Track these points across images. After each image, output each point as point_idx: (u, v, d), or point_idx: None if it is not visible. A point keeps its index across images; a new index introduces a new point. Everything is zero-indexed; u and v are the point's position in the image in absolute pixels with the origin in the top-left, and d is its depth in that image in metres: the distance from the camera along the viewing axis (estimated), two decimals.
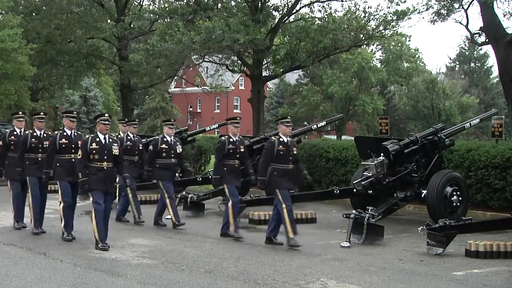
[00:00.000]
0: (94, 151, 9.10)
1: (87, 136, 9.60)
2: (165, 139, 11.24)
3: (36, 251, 8.87)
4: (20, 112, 11.72)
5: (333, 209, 13.53)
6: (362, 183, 11.49)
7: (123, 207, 11.81)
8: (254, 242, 9.75)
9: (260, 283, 7.14)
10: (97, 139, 9.18)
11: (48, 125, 54.27)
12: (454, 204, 11.36)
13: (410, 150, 11.93)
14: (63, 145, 9.76)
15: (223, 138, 10.68)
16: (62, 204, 9.71)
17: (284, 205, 9.28)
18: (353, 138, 16.57)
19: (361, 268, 8.00)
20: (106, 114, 9.51)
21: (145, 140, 17.35)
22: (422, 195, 11.46)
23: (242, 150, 10.52)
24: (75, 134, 9.95)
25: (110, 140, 9.28)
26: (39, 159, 10.21)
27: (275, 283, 7.15)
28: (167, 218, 12.10)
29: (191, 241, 9.79)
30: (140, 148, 11.95)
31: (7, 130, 11.66)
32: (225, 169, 10.25)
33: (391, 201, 11.23)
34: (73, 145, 9.73)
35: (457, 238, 9.02)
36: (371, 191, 11.48)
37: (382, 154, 11.65)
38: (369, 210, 9.91)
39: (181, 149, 11.51)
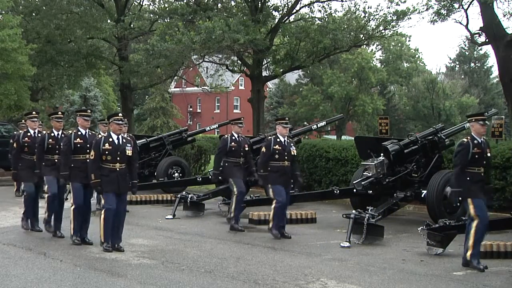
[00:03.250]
0: (106, 152, 8.76)
1: (99, 135, 9.33)
2: (278, 140, 10.18)
3: (36, 251, 8.87)
4: (34, 112, 11.20)
5: (333, 209, 13.53)
6: (362, 183, 11.48)
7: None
8: (254, 242, 9.74)
9: (260, 283, 7.14)
10: (110, 139, 8.82)
11: (48, 125, 54.36)
12: (454, 204, 11.34)
13: (410, 150, 11.93)
14: (78, 145, 9.37)
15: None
16: (73, 207, 9.34)
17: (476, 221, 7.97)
18: (353, 138, 16.57)
19: (361, 268, 7.99)
20: (120, 114, 9.09)
21: (144, 140, 17.47)
22: (422, 195, 11.45)
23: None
24: (90, 133, 9.55)
25: (124, 140, 8.94)
26: (56, 160, 9.82)
27: (275, 283, 7.15)
28: (167, 218, 12.12)
29: (191, 241, 9.78)
30: (246, 149, 11.19)
31: (20, 131, 11.45)
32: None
33: (391, 201, 11.23)
34: (88, 145, 9.30)
35: (457, 238, 9.00)
36: (371, 191, 11.48)
37: (382, 154, 11.65)
38: (369, 210, 9.89)
39: (295, 151, 10.45)
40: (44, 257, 8.46)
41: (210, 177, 14.92)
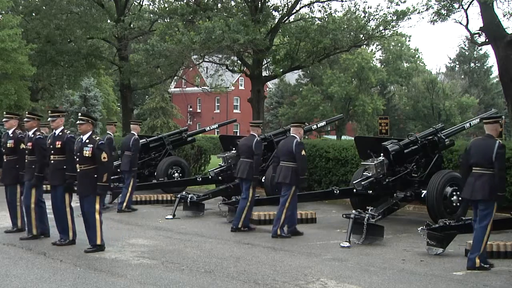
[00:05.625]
0: (73, 153, 8.90)
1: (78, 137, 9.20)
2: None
3: (36, 251, 8.86)
4: (5, 113, 11.03)
5: (333, 209, 13.53)
6: (362, 183, 11.48)
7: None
8: (254, 242, 9.75)
9: (260, 283, 7.14)
10: (78, 140, 8.94)
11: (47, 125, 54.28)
12: (454, 204, 11.35)
13: (410, 150, 11.92)
14: (51, 146, 9.30)
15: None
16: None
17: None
18: (353, 138, 16.57)
19: (361, 268, 7.99)
20: (79, 114, 9.10)
21: (144, 140, 17.46)
22: (422, 195, 11.45)
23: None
24: (59, 134, 9.31)
25: (87, 141, 8.78)
26: (27, 161, 9.67)
27: (275, 283, 7.15)
28: (167, 218, 12.12)
29: (191, 241, 9.78)
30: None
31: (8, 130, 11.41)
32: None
33: (391, 201, 11.22)
34: (51, 146, 9.25)
35: (457, 238, 9.01)
36: (371, 191, 11.48)
37: (382, 154, 11.64)
38: (369, 210, 9.90)
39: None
40: (44, 257, 8.46)
41: (210, 177, 14.97)
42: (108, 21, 28.87)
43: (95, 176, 8.71)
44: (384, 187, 11.56)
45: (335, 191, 12.15)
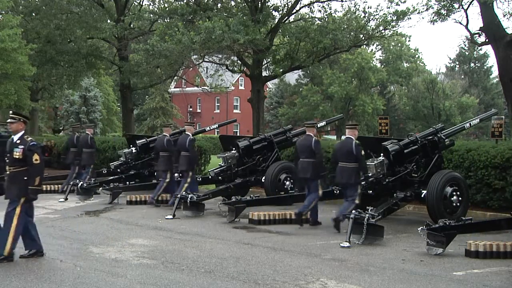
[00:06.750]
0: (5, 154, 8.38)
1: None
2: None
3: None
4: (10, 112, 10.76)
5: (333, 209, 13.48)
6: (362, 183, 11.49)
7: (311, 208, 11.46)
8: (254, 242, 9.75)
9: (260, 283, 7.14)
10: (10, 141, 8.34)
11: (48, 125, 54.37)
12: (454, 204, 11.36)
13: (410, 150, 11.93)
14: None
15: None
16: None
17: None
18: None
19: (361, 268, 7.99)
20: (11, 112, 8.53)
21: (144, 140, 17.46)
22: (422, 195, 11.46)
23: None
24: None
25: (18, 141, 8.22)
26: None
27: (275, 283, 7.15)
28: (167, 218, 12.12)
29: (191, 241, 9.78)
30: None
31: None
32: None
33: (391, 201, 11.23)
34: None
35: (457, 238, 9.02)
36: (371, 191, 11.48)
37: (382, 154, 11.65)
38: (369, 210, 9.90)
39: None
40: (44, 257, 8.45)
41: (210, 177, 14.97)
42: (108, 21, 28.86)
43: (25, 178, 8.12)
44: (384, 187, 11.57)
45: (335, 191, 12.17)
